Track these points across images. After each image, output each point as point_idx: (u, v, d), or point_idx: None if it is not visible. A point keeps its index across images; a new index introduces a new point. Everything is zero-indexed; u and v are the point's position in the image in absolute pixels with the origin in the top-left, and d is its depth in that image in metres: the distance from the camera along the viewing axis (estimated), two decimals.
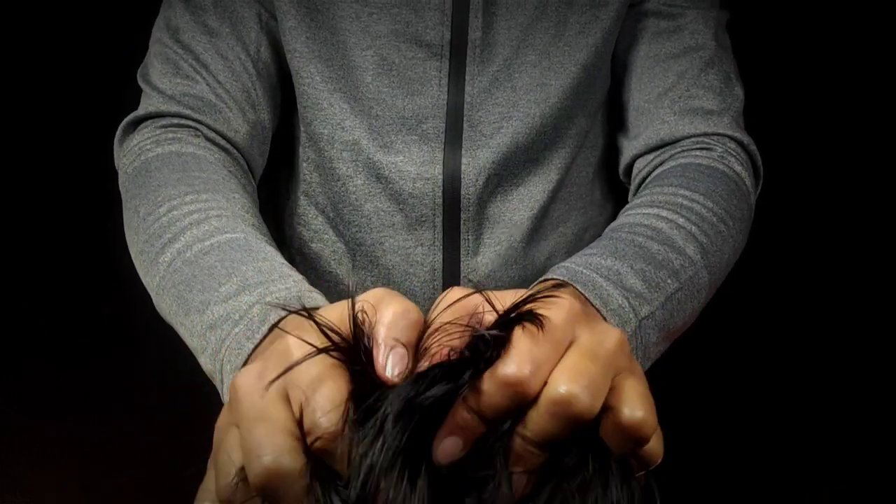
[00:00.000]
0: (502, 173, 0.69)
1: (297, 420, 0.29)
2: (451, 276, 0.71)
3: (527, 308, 0.31)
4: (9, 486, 1.71)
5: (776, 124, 1.62)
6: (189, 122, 0.63)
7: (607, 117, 0.75)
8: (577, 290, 0.46)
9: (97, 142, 1.13)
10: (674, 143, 0.67)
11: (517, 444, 0.30)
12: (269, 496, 0.29)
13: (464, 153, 0.67)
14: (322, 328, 0.31)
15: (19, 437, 1.82)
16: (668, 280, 0.50)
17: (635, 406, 0.30)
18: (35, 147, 2.31)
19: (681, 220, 0.55)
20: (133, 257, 0.56)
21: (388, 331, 0.31)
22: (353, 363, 0.30)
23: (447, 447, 0.29)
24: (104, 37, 2.13)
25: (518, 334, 0.30)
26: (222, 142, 0.64)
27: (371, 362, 0.31)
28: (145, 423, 1.83)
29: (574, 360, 0.30)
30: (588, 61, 0.68)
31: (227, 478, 0.30)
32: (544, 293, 0.32)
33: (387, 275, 0.71)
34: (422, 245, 0.70)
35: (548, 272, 0.48)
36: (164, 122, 0.63)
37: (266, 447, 0.28)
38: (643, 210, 0.57)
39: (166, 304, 0.50)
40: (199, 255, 0.49)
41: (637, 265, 0.49)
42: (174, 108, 0.63)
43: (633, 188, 0.70)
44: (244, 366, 0.41)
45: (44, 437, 1.82)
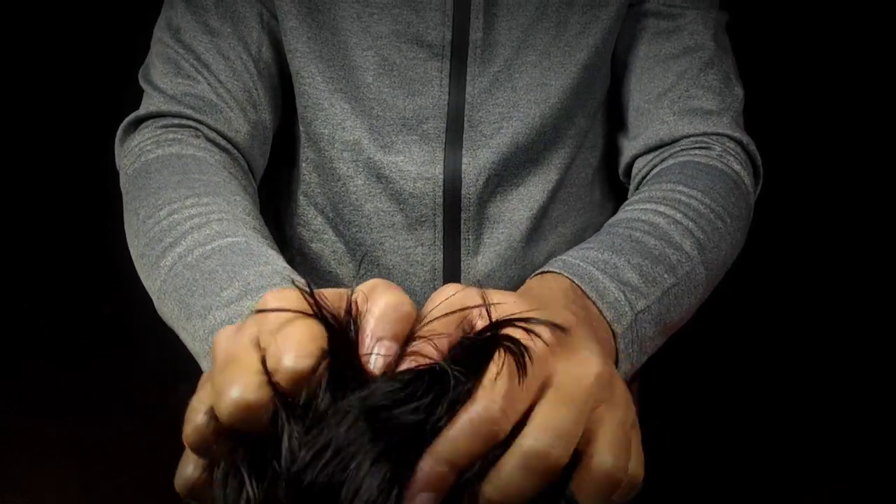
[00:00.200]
0: (502, 173, 0.69)
1: (262, 359, 0.30)
2: (452, 276, 0.71)
3: (508, 333, 0.30)
4: (9, 486, 1.71)
5: (776, 124, 1.62)
6: (190, 122, 0.63)
7: (607, 117, 0.76)
8: (573, 282, 0.46)
9: (97, 142, 1.13)
10: (673, 142, 0.67)
11: (487, 494, 0.29)
12: (237, 429, 0.29)
13: (464, 153, 0.68)
14: (306, 291, 0.31)
15: (19, 437, 1.82)
16: (665, 275, 0.50)
17: (606, 454, 0.30)
18: (35, 147, 2.31)
19: (678, 216, 0.55)
20: (134, 260, 0.56)
21: (378, 322, 0.31)
22: (338, 347, 0.30)
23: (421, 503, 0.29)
24: (105, 37, 2.14)
25: (493, 370, 0.29)
26: (223, 142, 0.64)
27: (356, 349, 0.30)
28: (145, 423, 1.83)
29: (549, 408, 0.30)
30: (588, 61, 0.68)
31: (197, 416, 0.30)
32: (530, 319, 0.31)
33: (387, 274, 0.71)
34: (422, 245, 0.70)
35: (545, 265, 0.48)
36: (165, 122, 0.63)
37: (234, 384, 0.29)
38: (641, 206, 0.57)
39: (168, 309, 0.50)
40: (200, 259, 0.49)
41: (634, 259, 0.49)
42: (175, 107, 0.63)
43: (632, 188, 0.70)
44: None
45: (44, 437, 1.82)
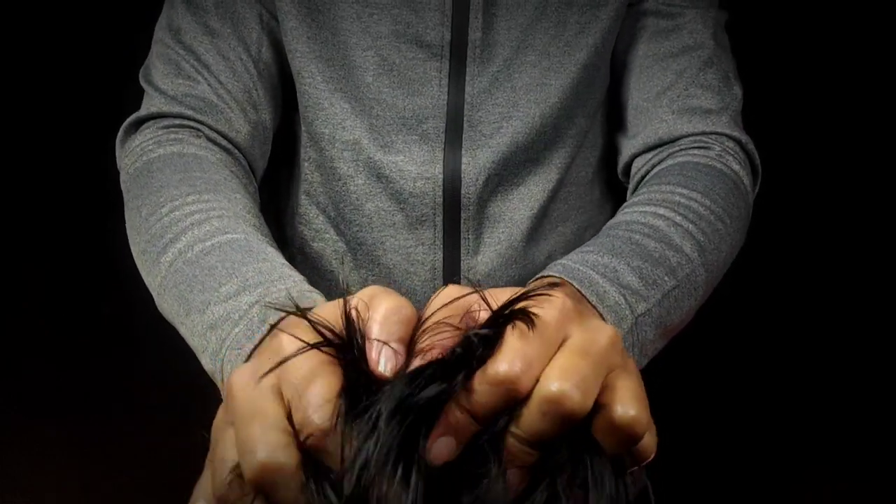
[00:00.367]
0: (502, 173, 0.69)
1: (289, 416, 0.30)
2: (452, 275, 0.71)
3: (519, 306, 0.31)
4: (9, 486, 1.71)
5: (775, 124, 1.62)
6: (191, 123, 0.63)
7: (606, 117, 0.76)
8: (573, 286, 0.46)
9: (98, 142, 1.13)
10: (672, 142, 0.67)
11: (510, 443, 0.30)
12: (264, 492, 0.29)
13: (464, 153, 0.68)
14: (314, 325, 0.31)
15: (19, 437, 1.82)
16: (665, 277, 0.50)
17: (627, 404, 0.30)
18: (35, 147, 2.31)
19: (678, 218, 0.55)
20: (135, 257, 0.57)
21: (381, 327, 0.31)
22: (346, 359, 0.30)
23: (441, 447, 0.29)
24: (105, 37, 2.14)
25: (510, 332, 0.30)
26: (224, 142, 0.64)
27: (364, 358, 0.31)
28: (145, 423, 1.84)
29: (565, 358, 0.30)
30: (588, 61, 0.69)
31: (222, 475, 0.30)
32: (538, 291, 0.32)
33: (388, 274, 0.71)
34: (422, 244, 0.70)
35: (545, 269, 0.48)
36: (166, 122, 0.63)
37: (260, 443, 0.29)
38: (640, 208, 0.57)
39: (168, 304, 0.51)
40: (200, 255, 0.49)
41: (634, 262, 0.49)
42: (176, 108, 0.63)
43: (631, 187, 0.70)
44: None
45: (44, 437, 1.82)
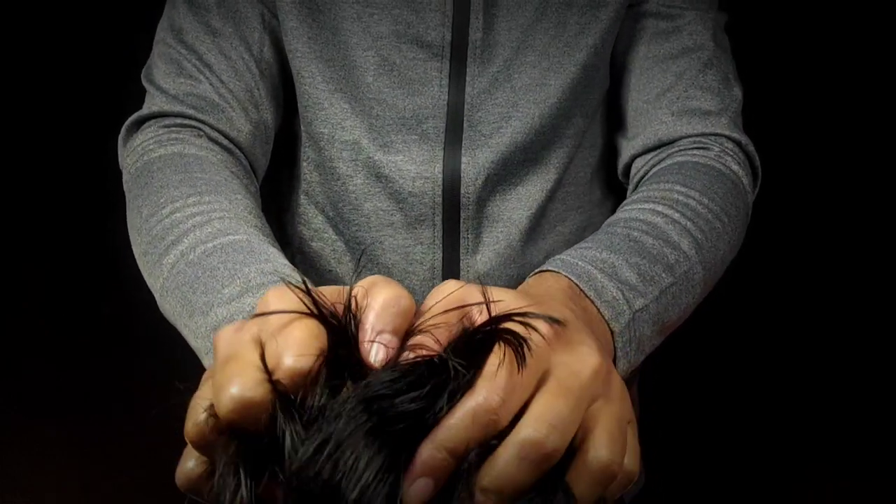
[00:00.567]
0: (501, 173, 0.69)
1: (262, 356, 0.30)
2: (451, 275, 0.71)
3: (508, 326, 0.30)
4: (9, 486, 1.71)
5: (774, 125, 1.62)
6: (192, 122, 0.64)
7: (606, 117, 0.76)
8: (571, 281, 0.46)
9: (98, 142, 1.13)
10: (671, 143, 0.68)
11: (478, 495, 0.29)
12: (236, 427, 0.29)
13: (463, 153, 0.68)
14: (307, 290, 0.31)
15: (19, 437, 1.82)
16: (663, 274, 0.51)
17: (601, 446, 0.30)
18: (36, 147, 2.31)
19: (676, 216, 0.55)
20: (136, 258, 0.57)
21: (377, 316, 0.31)
22: (338, 341, 0.30)
23: (419, 489, 0.29)
24: (107, 37, 2.14)
25: (493, 361, 0.29)
26: (225, 142, 0.64)
27: (356, 343, 0.31)
28: (145, 423, 1.83)
29: (546, 399, 0.30)
30: (587, 61, 0.69)
31: (197, 414, 0.30)
32: (529, 313, 0.31)
33: (386, 273, 0.71)
34: (421, 244, 0.70)
35: (544, 264, 0.49)
36: (168, 121, 0.64)
37: (233, 380, 0.29)
38: (639, 205, 0.57)
39: (170, 306, 0.51)
40: (202, 256, 0.49)
41: (632, 259, 0.50)
42: (178, 107, 0.64)
43: (631, 188, 0.70)
44: None
45: (44, 437, 1.82)
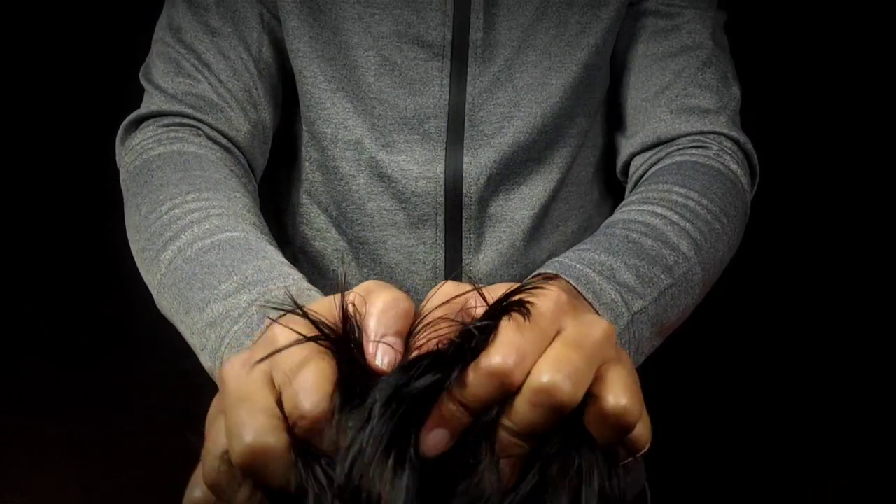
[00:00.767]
0: (504, 172, 0.69)
1: (278, 401, 0.30)
2: (453, 275, 0.71)
3: (515, 298, 0.31)
4: (9, 486, 1.71)
5: (773, 123, 1.62)
6: (191, 122, 0.64)
7: (606, 116, 0.76)
8: (569, 284, 0.46)
9: (98, 141, 1.13)
10: (670, 141, 0.68)
11: (501, 435, 0.30)
12: (252, 475, 0.29)
13: (465, 152, 0.68)
14: (310, 318, 0.31)
15: (19, 437, 1.82)
16: (662, 275, 0.51)
17: (619, 394, 0.30)
18: (35, 147, 2.31)
19: (675, 217, 0.55)
20: (134, 255, 0.57)
21: (378, 321, 0.31)
22: (342, 352, 0.31)
23: (434, 439, 0.30)
24: (106, 36, 2.14)
25: (504, 324, 0.30)
26: (224, 141, 0.64)
27: (361, 352, 0.31)
28: (145, 423, 1.84)
29: (557, 350, 0.30)
30: (588, 60, 0.69)
31: (213, 461, 0.30)
32: (533, 284, 0.32)
33: (389, 273, 0.72)
34: (424, 243, 0.70)
35: (541, 267, 0.49)
36: (166, 121, 0.64)
37: (248, 426, 0.29)
38: (637, 206, 0.57)
39: (167, 302, 0.51)
40: (199, 253, 0.49)
41: (630, 260, 0.50)
42: (176, 107, 0.64)
43: (629, 186, 0.70)
44: None
45: (44, 437, 1.82)
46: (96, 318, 2.12)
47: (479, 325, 0.30)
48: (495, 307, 0.31)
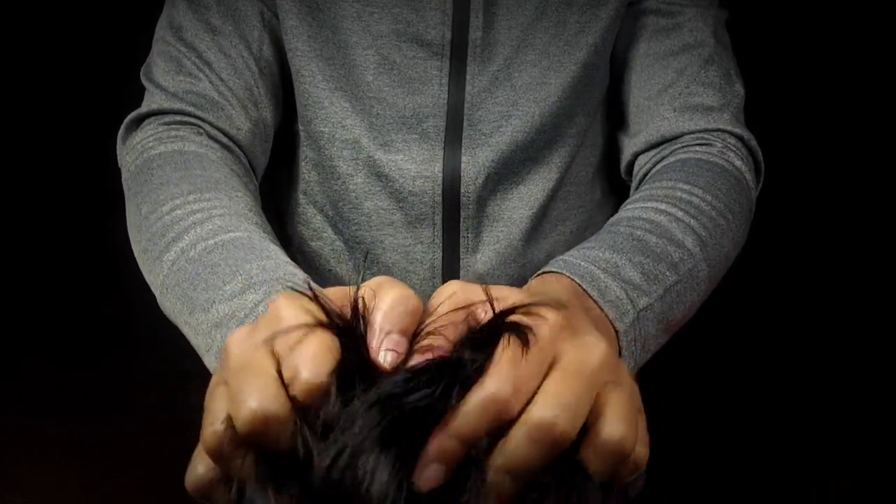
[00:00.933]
0: (502, 172, 0.69)
1: (278, 369, 0.30)
2: (451, 274, 0.71)
3: (513, 319, 0.30)
4: (9, 486, 1.71)
5: (776, 121, 1.62)
6: (192, 120, 0.63)
7: (607, 116, 0.76)
8: (575, 282, 0.46)
9: (98, 141, 1.13)
10: (674, 139, 0.67)
11: (492, 477, 0.29)
12: (255, 440, 0.29)
13: (464, 152, 0.68)
14: (319, 300, 0.31)
15: (19, 437, 1.82)
16: (667, 272, 0.50)
17: (615, 424, 0.30)
18: (35, 146, 2.31)
19: (679, 214, 0.55)
20: (136, 255, 0.56)
21: (385, 316, 0.31)
22: (345, 340, 0.30)
23: (430, 475, 0.29)
24: (106, 35, 2.14)
25: (501, 352, 0.30)
26: (225, 139, 0.64)
27: (364, 345, 0.31)
28: (145, 423, 1.83)
29: (555, 382, 0.30)
30: (588, 60, 0.69)
31: (214, 426, 0.30)
32: (534, 305, 0.31)
33: (386, 273, 0.71)
34: (421, 243, 0.70)
35: (546, 265, 0.49)
36: (167, 119, 0.63)
37: (251, 392, 0.29)
38: (642, 204, 0.57)
39: (170, 303, 0.50)
40: (203, 253, 0.49)
41: (635, 258, 0.49)
42: (177, 105, 0.63)
43: (634, 185, 0.70)
44: None
45: (44, 437, 1.82)
46: (96, 318, 2.12)
47: (473, 357, 0.29)
48: (492, 327, 0.30)
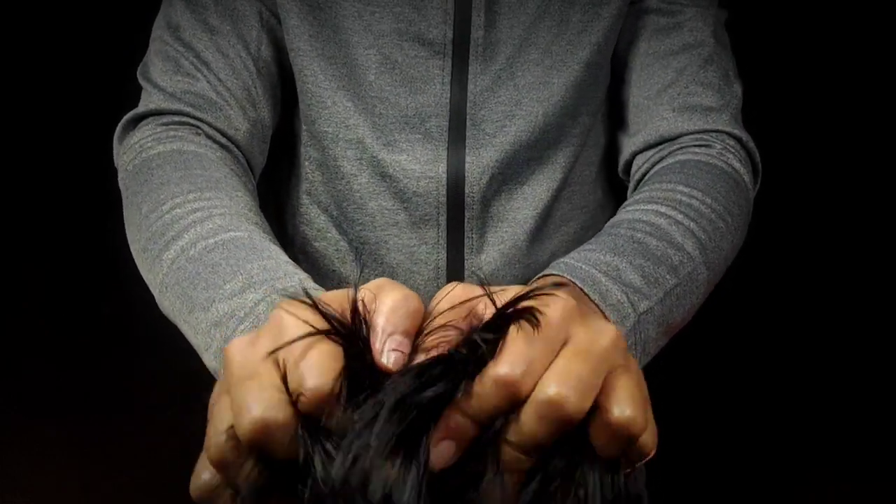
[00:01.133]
0: (506, 172, 0.69)
1: (283, 378, 0.30)
2: (455, 275, 0.71)
3: (523, 305, 0.31)
4: (9, 486, 1.71)
5: (775, 122, 1.62)
6: (190, 120, 0.63)
7: (608, 115, 0.76)
8: (575, 285, 0.46)
9: (97, 141, 1.13)
10: (673, 139, 0.67)
11: (505, 449, 0.30)
12: (259, 449, 0.29)
13: (467, 152, 0.68)
14: (320, 308, 0.31)
15: (19, 437, 1.82)
16: (667, 276, 0.50)
17: (624, 404, 0.30)
18: (35, 146, 2.31)
19: (679, 217, 0.55)
20: (135, 255, 0.56)
21: (387, 319, 0.31)
22: (349, 345, 0.30)
23: (442, 451, 0.29)
24: (104, 35, 2.13)
25: (512, 333, 0.30)
26: (223, 139, 0.64)
27: (368, 348, 0.31)
28: (145, 423, 1.83)
29: (565, 361, 0.30)
30: (590, 59, 0.69)
31: (218, 437, 0.30)
32: (541, 290, 0.32)
33: (391, 273, 0.71)
34: (426, 243, 0.70)
35: (547, 268, 0.48)
36: (165, 119, 0.63)
37: (254, 401, 0.29)
38: (642, 206, 0.57)
39: (169, 302, 0.50)
40: (203, 252, 0.49)
41: (636, 261, 0.49)
42: (175, 105, 0.63)
43: (632, 185, 0.70)
44: None
45: (44, 437, 1.82)
46: (96, 318, 2.12)
47: (486, 336, 0.30)
48: (503, 313, 0.31)
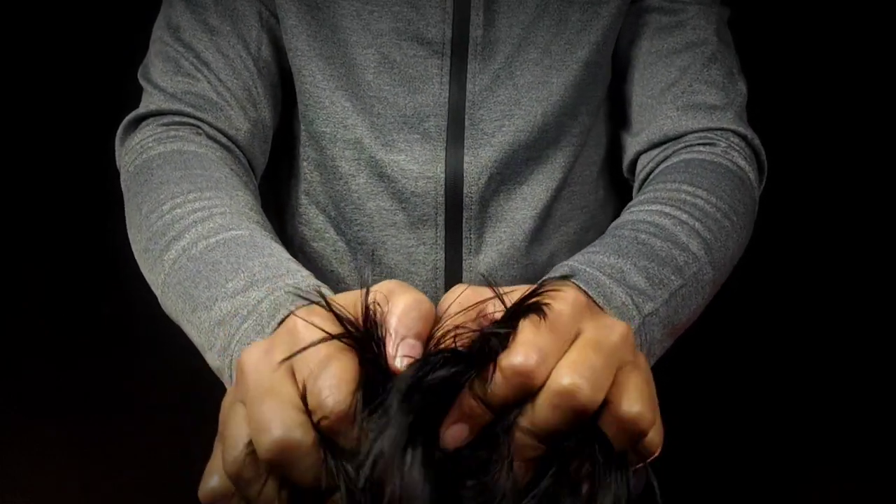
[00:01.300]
0: (505, 172, 0.69)
1: (302, 396, 0.30)
2: (453, 275, 0.71)
3: (533, 300, 0.31)
4: (9, 486, 1.71)
5: (779, 119, 1.61)
6: (190, 120, 0.63)
7: (609, 114, 0.75)
8: (580, 288, 0.45)
9: (97, 141, 1.13)
10: (677, 138, 0.67)
11: (518, 436, 0.30)
12: (279, 469, 0.29)
13: (466, 151, 0.67)
14: (335, 312, 0.31)
15: (19, 437, 1.82)
16: (672, 277, 0.50)
17: (633, 400, 0.31)
18: (35, 147, 2.31)
19: (684, 217, 0.55)
20: (136, 255, 0.56)
21: (400, 322, 0.32)
22: (364, 351, 0.31)
23: (454, 433, 0.30)
24: (104, 36, 2.13)
25: (525, 325, 0.31)
26: (224, 140, 0.64)
27: (382, 352, 0.31)
28: (145, 423, 1.83)
29: (578, 352, 0.31)
30: (589, 58, 0.68)
31: (235, 451, 0.30)
32: (550, 286, 0.32)
33: (389, 273, 0.71)
34: (424, 244, 0.70)
35: (551, 271, 0.48)
36: (166, 120, 0.63)
37: (275, 421, 0.29)
38: (646, 207, 0.56)
39: (171, 302, 0.50)
40: (204, 251, 0.49)
41: (640, 262, 0.49)
42: (175, 106, 0.63)
43: (636, 185, 0.69)
44: None
45: (44, 437, 1.82)
46: (96, 318, 2.12)
47: (498, 331, 0.31)
48: (514, 309, 0.32)
